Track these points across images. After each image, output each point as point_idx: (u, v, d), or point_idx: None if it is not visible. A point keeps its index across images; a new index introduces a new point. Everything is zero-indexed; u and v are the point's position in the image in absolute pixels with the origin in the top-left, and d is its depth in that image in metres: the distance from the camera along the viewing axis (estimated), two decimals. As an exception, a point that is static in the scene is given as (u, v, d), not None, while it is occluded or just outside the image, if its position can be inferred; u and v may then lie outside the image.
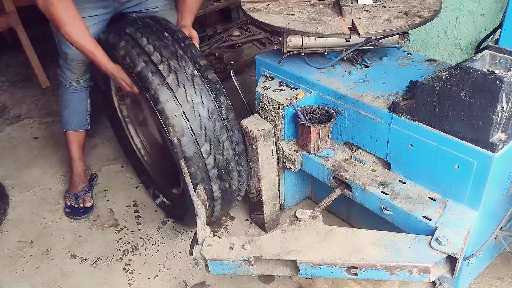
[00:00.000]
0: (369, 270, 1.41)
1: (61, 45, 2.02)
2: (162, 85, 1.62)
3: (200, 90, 1.66)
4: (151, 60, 1.65)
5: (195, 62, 1.71)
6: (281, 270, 1.51)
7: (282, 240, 1.50)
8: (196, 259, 1.53)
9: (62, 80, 2.17)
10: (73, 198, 2.26)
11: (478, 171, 1.46)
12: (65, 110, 2.25)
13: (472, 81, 1.37)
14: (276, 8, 1.98)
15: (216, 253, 1.50)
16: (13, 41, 3.97)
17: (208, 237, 1.56)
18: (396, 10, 1.88)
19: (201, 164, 1.68)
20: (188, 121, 1.63)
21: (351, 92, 1.80)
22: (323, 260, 1.42)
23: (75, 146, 2.34)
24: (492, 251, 1.86)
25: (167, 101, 1.62)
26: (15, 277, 1.97)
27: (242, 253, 1.48)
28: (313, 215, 1.56)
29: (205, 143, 1.67)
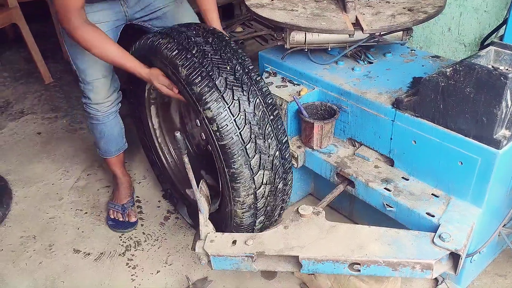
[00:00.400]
0: (371, 266, 1.40)
1: (76, 62, 1.90)
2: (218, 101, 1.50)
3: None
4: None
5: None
6: (283, 266, 1.51)
7: (284, 236, 1.50)
8: (199, 254, 1.53)
9: (90, 110, 2.00)
10: (119, 208, 2.19)
11: (481, 168, 1.46)
12: (100, 140, 2.13)
13: (477, 77, 1.36)
14: (280, 3, 1.97)
15: (219, 248, 1.50)
16: (16, 37, 3.99)
17: (211, 233, 1.56)
18: (400, 6, 1.87)
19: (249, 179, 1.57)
20: (233, 115, 1.51)
21: (354, 88, 1.79)
22: (325, 256, 1.42)
23: (117, 167, 2.26)
24: (495, 248, 1.86)
25: (214, 101, 1.49)
26: (18, 272, 1.97)
27: (244, 249, 1.48)
28: (315, 211, 1.56)
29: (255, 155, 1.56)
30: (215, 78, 1.50)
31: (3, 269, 1.99)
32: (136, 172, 2.54)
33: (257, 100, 1.54)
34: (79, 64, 1.89)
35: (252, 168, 1.54)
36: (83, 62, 1.88)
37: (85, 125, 2.99)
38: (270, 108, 1.57)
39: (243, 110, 1.50)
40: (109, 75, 1.95)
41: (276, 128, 1.58)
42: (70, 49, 1.87)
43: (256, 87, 1.56)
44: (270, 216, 1.74)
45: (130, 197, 2.25)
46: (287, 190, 1.72)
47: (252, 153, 1.52)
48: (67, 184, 2.48)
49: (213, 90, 1.48)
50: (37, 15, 3.88)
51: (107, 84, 1.96)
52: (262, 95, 1.57)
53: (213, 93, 1.48)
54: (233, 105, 1.49)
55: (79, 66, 1.90)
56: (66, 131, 2.94)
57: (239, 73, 1.54)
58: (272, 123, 1.57)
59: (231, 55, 1.59)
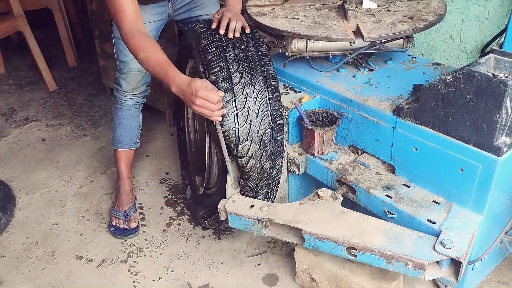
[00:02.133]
0: (367, 254, 1.46)
1: (119, 54, 2.04)
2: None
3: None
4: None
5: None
6: (290, 238, 1.63)
7: (297, 211, 1.63)
8: (220, 210, 1.73)
9: (117, 94, 2.16)
10: (121, 215, 2.20)
11: (482, 175, 1.46)
12: (117, 127, 2.23)
13: (477, 84, 1.37)
14: (281, 12, 1.99)
15: (237, 208, 1.69)
16: (21, 44, 4.02)
17: (235, 195, 1.74)
18: (400, 14, 1.88)
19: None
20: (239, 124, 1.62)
21: (355, 95, 1.80)
22: (326, 235, 1.51)
23: (124, 164, 2.30)
24: (498, 255, 1.85)
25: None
26: (20, 278, 1.98)
27: (258, 213, 1.64)
28: (334, 196, 1.67)
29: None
30: (227, 51, 1.64)
31: (6, 275, 2.00)
32: (139, 179, 2.56)
33: (259, 77, 1.65)
34: (121, 57, 2.04)
35: (239, 136, 1.63)
36: (125, 55, 2.01)
37: (89, 132, 3.01)
38: (271, 88, 1.67)
39: (244, 82, 1.62)
40: (144, 70, 2.05)
41: (273, 108, 1.67)
42: (117, 42, 2.01)
43: (263, 68, 1.67)
44: (251, 195, 1.79)
45: (131, 203, 2.26)
46: (273, 174, 1.79)
47: (242, 122, 1.62)
48: (70, 191, 2.49)
49: (222, 60, 1.62)
50: (42, 23, 3.92)
51: (140, 77, 2.10)
52: (267, 75, 1.67)
53: (221, 62, 1.62)
54: (235, 75, 1.61)
55: (120, 59, 2.05)
56: (70, 138, 2.96)
57: (250, 52, 1.67)
58: (269, 102, 1.66)
59: (250, 38, 1.71)
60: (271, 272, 1.94)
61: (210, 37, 1.68)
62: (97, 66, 3.30)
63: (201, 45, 1.67)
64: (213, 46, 1.65)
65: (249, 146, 1.64)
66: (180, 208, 2.33)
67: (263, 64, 1.68)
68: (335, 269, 1.66)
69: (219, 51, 1.64)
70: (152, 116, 3.06)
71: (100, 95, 3.45)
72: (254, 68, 1.65)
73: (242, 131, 1.62)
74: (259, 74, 1.65)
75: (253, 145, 1.65)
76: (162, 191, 2.46)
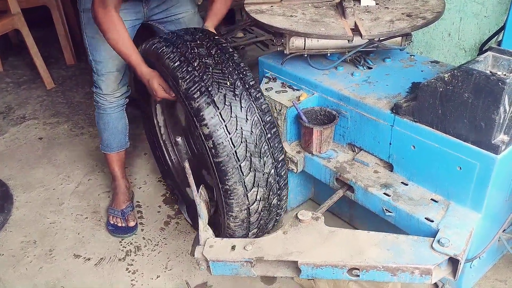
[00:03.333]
0: (370, 271, 1.40)
1: (94, 54, 1.99)
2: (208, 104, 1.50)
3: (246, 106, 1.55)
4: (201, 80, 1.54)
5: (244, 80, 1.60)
6: (283, 272, 1.51)
7: (283, 241, 1.50)
8: (198, 260, 1.53)
9: (98, 99, 2.10)
10: (119, 214, 2.20)
11: (480, 173, 1.46)
12: (104, 132, 2.19)
13: (475, 82, 1.37)
14: (279, 9, 1.98)
15: (218, 254, 1.50)
16: (19, 42, 4.01)
17: (210, 238, 1.56)
18: (399, 12, 1.88)
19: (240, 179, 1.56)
20: (229, 133, 1.51)
21: (353, 93, 1.80)
22: (324, 262, 1.42)
23: (117, 165, 2.29)
24: (496, 253, 1.85)
25: (211, 118, 1.49)
26: (18, 277, 1.98)
27: (243, 254, 1.48)
28: (315, 217, 1.56)
29: (245, 158, 1.55)
30: (214, 94, 1.50)
31: (3, 274, 1.99)
32: (137, 177, 2.55)
33: (255, 117, 1.54)
34: (96, 56, 2.00)
35: (246, 186, 1.55)
36: (100, 55, 1.98)
37: (86, 131, 3.01)
38: (268, 126, 1.57)
39: (240, 128, 1.51)
40: (122, 70, 2.05)
41: (273, 146, 1.59)
42: (91, 40, 1.97)
43: (255, 104, 1.56)
44: (263, 229, 1.75)
45: (129, 202, 2.26)
46: (281, 205, 1.73)
47: (247, 171, 1.53)
48: (68, 189, 2.49)
49: (211, 107, 1.48)
50: (40, 21, 3.91)
51: (119, 78, 2.07)
52: (261, 112, 1.56)
53: (211, 109, 1.48)
54: (230, 122, 1.50)
55: (95, 58, 2.00)
56: (68, 137, 2.96)
57: (239, 89, 1.54)
58: (269, 141, 1.57)
59: (233, 69, 1.58)
60: (269, 271, 1.93)
61: (189, 76, 1.53)
62: (95, 64, 3.29)
63: (181, 88, 1.54)
64: (197, 90, 1.51)
65: (257, 192, 1.58)
66: (178, 206, 2.33)
67: (254, 100, 1.56)
68: (333, 268, 1.65)
69: (205, 96, 1.50)
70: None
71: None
72: (247, 108, 1.53)
73: (249, 180, 1.55)
74: (254, 113, 1.54)
75: (260, 189, 1.58)
76: (160, 190, 2.46)
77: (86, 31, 1.97)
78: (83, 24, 1.97)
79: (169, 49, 1.62)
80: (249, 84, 1.58)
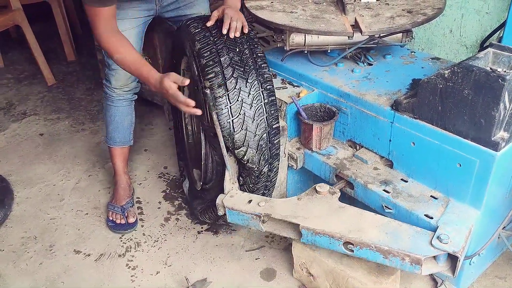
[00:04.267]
0: (364, 249, 1.46)
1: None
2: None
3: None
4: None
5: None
6: (288, 232, 1.63)
7: (295, 206, 1.63)
8: (218, 205, 1.72)
9: (107, 90, 2.14)
10: (119, 210, 2.20)
11: (480, 170, 1.45)
12: (109, 125, 2.21)
13: (475, 79, 1.36)
14: (279, 5, 1.98)
15: (235, 203, 1.68)
16: (19, 38, 4.01)
17: (233, 190, 1.73)
18: (399, 8, 1.87)
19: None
20: (228, 90, 1.60)
21: (353, 90, 1.79)
22: (323, 230, 1.51)
23: (119, 160, 2.30)
24: (495, 250, 1.85)
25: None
26: (18, 272, 1.98)
27: (256, 209, 1.64)
28: (332, 191, 1.66)
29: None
30: (222, 55, 1.61)
31: (3, 270, 2.00)
32: (137, 173, 2.55)
33: (255, 82, 1.63)
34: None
35: (235, 142, 1.63)
36: None
37: (87, 127, 3.01)
38: (267, 92, 1.65)
39: (239, 88, 1.60)
40: None
41: (269, 112, 1.66)
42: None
43: (257, 71, 1.65)
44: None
45: (129, 198, 2.26)
46: (271, 177, 1.79)
47: (238, 128, 1.61)
48: (68, 185, 2.49)
49: (216, 65, 1.60)
50: (40, 16, 3.91)
51: (129, 73, 2.04)
52: (263, 79, 1.65)
53: (216, 67, 1.60)
54: (230, 81, 1.59)
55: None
56: (68, 133, 2.96)
57: (245, 56, 1.64)
58: (264, 107, 1.65)
59: (245, 40, 1.68)
60: (268, 267, 1.94)
61: (204, 39, 1.64)
62: (96, 60, 3.28)
63: (195, 48, 1.65)
64: (208, 50, 1.62)
65: (245, 152, 1.64)
66: (178, 202, 2.33)
67: (258, 68, 1.65)
68: (333, 264, 1.66)
69: (213, 55, 1.61)
70: (151, 110, 3.05)
71: (99, 89, 3.43)
72: (249, 72, 1.63)
73: (238, 137, 1.62)
74: (254, 79, 1.63)
75: (250, 150, 1.65)
76: (160, 186, 2.46)
77: None
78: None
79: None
80: (257, 54, 1.68)
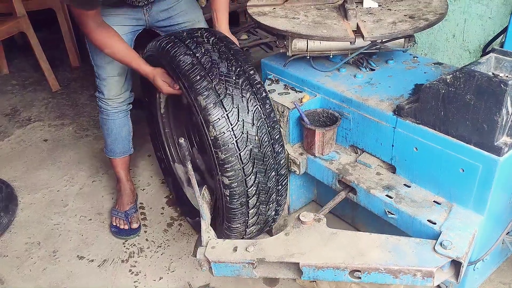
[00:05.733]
0: (372, 273, 1.40)
1: (95, 58, 2.03)
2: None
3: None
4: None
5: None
6: (284, 273, 1.50)
7: (285, 243, 1.50)
8: (200, 261, 1.53)
9: (101, 104, 2.13)
10: (122, 215, 2.21)
11: (483, 175, 1.45)
12: (108, 138, 2.22)
13: (477, 84, 1.36)
14: (281, 11, 1.98)
15: (220, 255, 1.50)
16: (24, 45, 4.04)
17: (212, 239, 1.57)
18: (401, 13, 1.87)
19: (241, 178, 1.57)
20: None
21: (356, 95, 1.79)
22: (326, 263, 1.42)
23: (122, 168, 2.31)
24: (499, 256, 1.84)
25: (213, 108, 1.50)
26: (22, 278, 1.99)
27: (245, 255, 1.48)
28: (317, 218, 1.56)
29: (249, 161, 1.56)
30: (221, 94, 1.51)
31: (7, 275, 2.00)
32: (140, 178, 2.56)
33: (255, 105, 1.54)
34: (97, 61, 2.03)
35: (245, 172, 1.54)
36: (101, 59, 2.00)
37: (91, 133, 3.02)
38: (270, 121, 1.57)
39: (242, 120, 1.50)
40: (123, 74, 2.07)
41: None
42: (91, 45, 1.98)
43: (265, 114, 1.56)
44: (260, 223, 1.76)
45: (132, 203, 2.27)
46: (278, 211, 1.76)
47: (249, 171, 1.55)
48: (72, 191, 2.50)
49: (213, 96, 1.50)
50: (45, 23, 3.94)
51: (121, 82, 2.08)
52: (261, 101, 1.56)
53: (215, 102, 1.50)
54: (232, 113, 1.50)
55: (97, 63, 2.04)
56: (72, 138, 2.97)
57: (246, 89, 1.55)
58: (271, 139, 1.58)
59: (244, 77, 1.57)
60: (271, 273, 1.93)
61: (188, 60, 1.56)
62: (100, 66, 3.31)
63: (182, 68, 1.56)
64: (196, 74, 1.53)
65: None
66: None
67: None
68: (335, 270, 1.64)
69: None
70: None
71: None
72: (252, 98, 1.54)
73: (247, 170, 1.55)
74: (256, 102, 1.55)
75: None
76: (163, 191, 2.46)
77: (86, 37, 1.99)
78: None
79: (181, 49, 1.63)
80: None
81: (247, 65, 1.60)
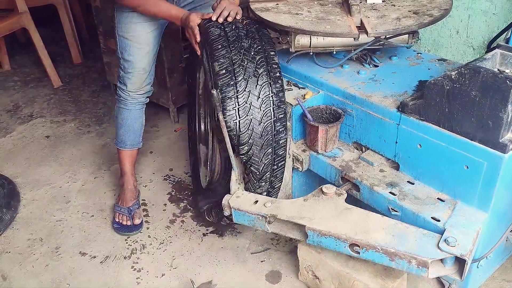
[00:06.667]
0: (370, 251, 1.45)
1: (123, 53, 2.07)
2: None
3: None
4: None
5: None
6: (293, 233, 1.63)
7: (300, 207, 1.63)
8: (224, 206, 1.73)
9: (121, 93, 2.16)
10: (125, 211, 2.21)
11: (487, 172, 1.44)
12: (120, 127, 2.23)
13: (482, 80, 1.35)
14: (284, 7, 1.97)
15: (241, 204, 1.69)
16: (26, 41, 4.03)
17: (239, 190, 1.75)
18: (405, 9, 1.86)
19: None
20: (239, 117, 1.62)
21: (359, 91, 1.78)
22: (329, 232, 1.50)
23: (128, 162, 2.32)
24: (503, 253, 1.83)
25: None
26: (24, 274, 1.99)
27: (261, 209, 1.65)
28: (338, 192, 1.65)
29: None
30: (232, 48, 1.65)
31: (10, 271, 2.00)
32: (143, 175, 2.56)
33: (265, 84, 1.64)
34: (125, 55, 2.07)
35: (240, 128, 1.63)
36: (129, 54, 2.06)
37: (93, 129, 3.01)
38: (275, 86, 1.66)
39: (248, 91, 1.61)
40: (148, 69, 2.11)
41: (276, 104, 1.67)
42: (121, 40, 2.06)
43: (269, 74, 1.66)
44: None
45: (135, 200, 2.27)
46: (277, 177, 1.80)
47: (243, 115, 1.63)
48: (74, 187, 2.50)
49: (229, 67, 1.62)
50: (47, 20, 3.93)
51: (144, 76, 2.12)
52: (273, 81, 1.66)
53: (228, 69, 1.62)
54: (239, 84, 1.61)
55: (124, 57, 2.08)
56: (74, 135, 2.97)
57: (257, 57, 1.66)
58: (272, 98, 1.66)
59: (256, 32, 1.72)
60: (274, 269, 1.93)
61: (216, 34, 1.69)
62: (102, 62, 3.30)
63: (209, 37, 1.68)
64: (219, 43, 1.65)
65: (250, 136, 1.64)
66: (184, 204, 2.33)
67: (269, 70, 1.67)
68: (338, 267, 1.65)
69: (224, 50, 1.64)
70: (156, 112, 3.06)
71: (105, 92, 3.45)
72: (259, 75, 1.65)
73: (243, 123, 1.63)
74: (265, 81, 1.65)
75: (254, 134, 1.66)
76: (165, 188, 2.46)
77: (118, 30, 2.05)
78: (116, 24, 2.06)
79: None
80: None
81: (269, 47, 1.71)
